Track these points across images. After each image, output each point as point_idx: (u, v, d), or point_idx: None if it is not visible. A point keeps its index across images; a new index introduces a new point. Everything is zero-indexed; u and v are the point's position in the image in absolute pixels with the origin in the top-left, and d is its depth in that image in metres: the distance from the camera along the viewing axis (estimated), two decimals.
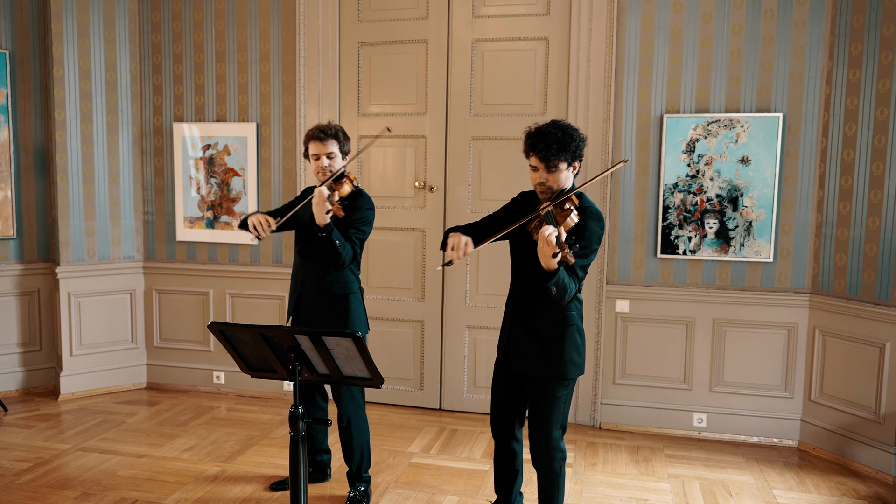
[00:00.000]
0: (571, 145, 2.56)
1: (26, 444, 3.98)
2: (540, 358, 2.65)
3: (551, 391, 2.66)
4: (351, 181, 3.16)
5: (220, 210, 4.82)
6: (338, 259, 3.06)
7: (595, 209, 2.62)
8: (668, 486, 3.60)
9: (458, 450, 4.01)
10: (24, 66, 4.70)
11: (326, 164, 3.16)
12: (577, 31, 4.19)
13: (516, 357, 2.71)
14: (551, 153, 2.54)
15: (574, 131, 2.59)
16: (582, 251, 2.56)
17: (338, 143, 3.17)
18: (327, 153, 3.15)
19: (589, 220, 2.58)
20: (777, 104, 4.00)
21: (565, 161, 2.57)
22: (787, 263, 4.06)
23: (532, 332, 2.67)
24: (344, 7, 4.56)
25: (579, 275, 2.56)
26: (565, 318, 2.64)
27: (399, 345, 4.66)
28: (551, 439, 2.70)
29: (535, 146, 2.58)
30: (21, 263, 4.79)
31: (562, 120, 2.64)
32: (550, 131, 2.56)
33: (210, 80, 4.78)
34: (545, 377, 2.66)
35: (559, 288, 2.45)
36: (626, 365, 4.33)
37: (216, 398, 4.85)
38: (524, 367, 2.69)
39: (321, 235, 3.02)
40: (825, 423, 4.00)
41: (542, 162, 2.57)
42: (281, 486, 3.48)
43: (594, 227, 2.58)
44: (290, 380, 2.45)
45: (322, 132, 3.15)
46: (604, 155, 4.20)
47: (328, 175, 3.15)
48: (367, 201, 3.22)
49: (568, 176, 2.62)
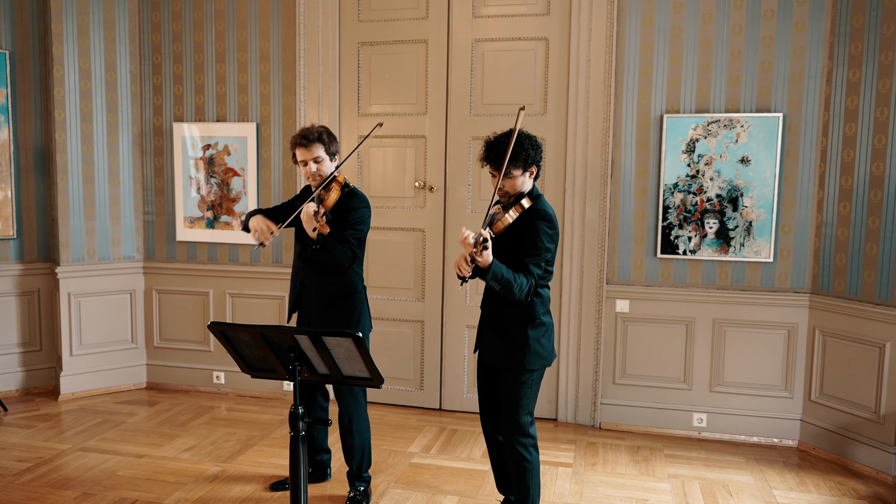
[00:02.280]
0: (521, 154, 2.72)
1: (26, 444, 3.98)
2: (503, 349, 2.82)
3: (516, 378, 2.81)
4: (339, 184, 3.14)
5: (220, 210, 4.82)
6: (337, 266, 3.06)
7: (544, 211, 2.77)
8: (668, 486, 3.60)
9: (458, 450, 4.01)
10: (24, 66, 4.70)
11: (314, 168, 3.12)
12: (577, 31, 4.19)
13: (484, 350, 2.90)
14: (500, 162, 2.71)
15: (526, 139, 2.75)
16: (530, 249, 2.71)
17: (323, 146, 3.14)
18: (314, 158, 3.12)
19: (536, 220, 2.73)
20: (777, 104, 4.00)
21: (518, 168, 2.73)
22: (787, 263, 4.06)
23: (498, 326, 2.84)
24: (344, 7, 4.56)
25: (534, 272, 2.71)
26: (528, 313, 2.79)
27: (399, 345, 4.66)
28: (519, 425, 2.82)
29: (488, 156, 2.78)
30: (21, 263, 4.79)
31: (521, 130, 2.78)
32: (502, 141, 2.74)
33: (210, 80, 4.78)
34: (509, 366, 2.81)
35: (500, 283, 2.63)
36: (626, 365, 4.33)
37: (216, 398, 4.85)
38: (490, 358, 2.88)
39: (315, 248, 3.02)
40: (825, 423, 4.00)
41: (496, 170, 2.76)
42: (281, 486, 3.48)
43: (541, 227, 2.72)
44: (290, 380, 2.46)
45: (304, 138, 3.12)
46: (604, 155, 4.20)
47: (318, 180, 3.14)
48: (361, 200, 3.19)
49: (524, 181, 2.79)
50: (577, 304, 4.32)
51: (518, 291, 2.67)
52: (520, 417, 2.82)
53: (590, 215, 4.25)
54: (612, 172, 4.23)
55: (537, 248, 2.72)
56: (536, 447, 2.87)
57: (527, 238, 2.73)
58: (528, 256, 2.72)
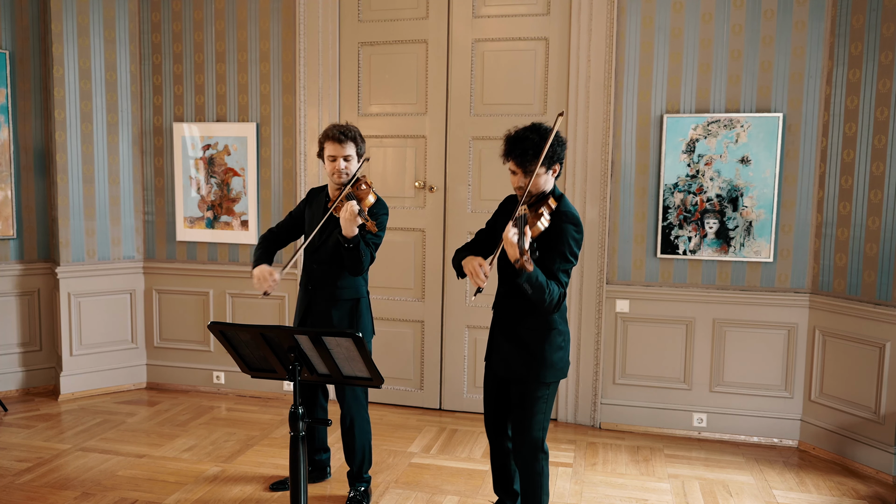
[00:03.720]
0: (548, 150, 2.52)
1: (26, 444, 3.98)
2: (520, 361, 2.65)
3: (531, 392, 2.66)
4: (370, 187, 3.11)
5: (220, 210, 4.82)
6: (360, 267, 3.06)
7: (572, 213, 2.59)
8: (668, 486, 3.60)
9: (458, 450, 4.01)
10: (24, 66, 4.70)
11: (343, 166, 3.11)
12: (577, 31, 4.19)
13: (498, 360, 2.73)
14: (527, 159, 2.53)
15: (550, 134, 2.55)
16: (558, 256, 2.53)
17: (355, 146, 3.14)
18: (344, 155, 3.11)
19: (564, 223, 2.56)
20: (777, 104, 4.00)
21: (543, 166, 2.54)
22: (787, 263, 4.06)
23: (513, 335, 2.67)
24: (344, 7, 4.56)
25: (562, 280, 2.54)
26: (547, 321, 2.63)
27: (399, 345, 4.66)
28: (533, 440, 2.69)
29: (512, 151, 2.56)
30: (21, 263, 4.79)
31: (542, 123, 2.61)
32: (528, 136, 2.54)
33: (210, 80, 4.78)
34: (525, 379, 2.65)
35: (533, 286, 2.42)
36: (626, 365, 4.33)
37: (216, 398, 4.85)
38: (505, 369, 2.71)
39: (348, 247, 2.98)
40: (825, 423, 4.00)
41: (519, 167, 2.56)
42: (281, 486, 3.48)
43: (569, 231, 2.55)
44: (290, 380, 2.45)
45: (342, 134, 3.10)
46: (604, 155, 4.20)
47: (343, 178, 3.12)
48: (383, 206, 3.20)
49: (547, 179, 2.60)
50: (577, 304, 4.32)
51: (549, 299, 2.47)
52: (534, 433, 2.68)
53: (590, 215, 4.25)
54: (612, 172, 4.23)
55: (565, 254, 2.54)
56: (548, 457, 2.75)
57: (555, 243, 2.53)
58: (557, 262, 2.53)
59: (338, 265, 3.13)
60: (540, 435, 2.69)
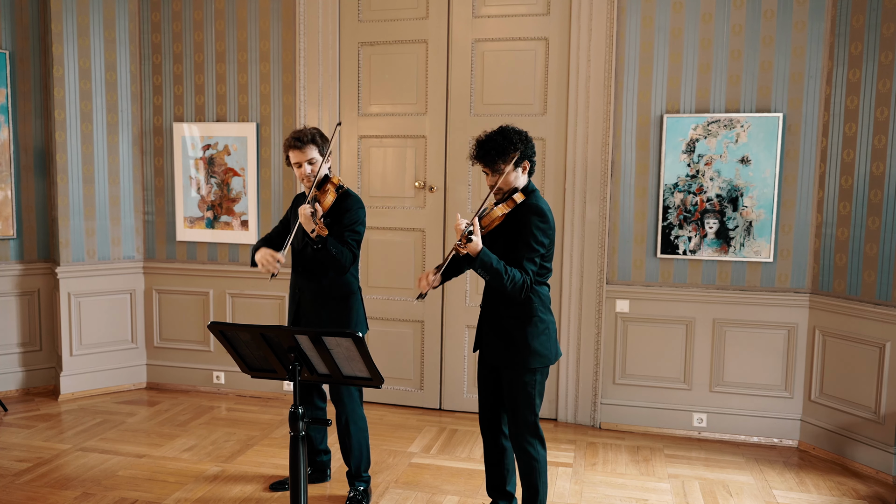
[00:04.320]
0: (510, 148, 2.71)
1: (26, 444, 3.98)
2: (503, 348, 2.82)
3: (518, 378, 2.81)
4: (334, 186, 3.14)
5: (220, 210, 4.82)
6: (337, 265, 3.07)
7: (536, 205, 2.75)
8: (668, 486, 3.60)
9: (458, 450, 4.01)
10: (24, 66, 4.70)
11: (309, 170, 3.14)
12: (577, 31, 4.19)
13: (486, 347, 2.90)
14: (489, 159, 2.73)
15: (515, 135, 2.74)
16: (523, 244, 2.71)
17: (317, 148, 3.15)
18: (308, 160, 3.13)
19: (529, 215, 2.73)
20: (777, 104, 4.00)
21: (509, 164, 2.72)
22: (787, 263, 4.06)
23: (497, 324, 2.84)
24: (344, 7, 4.56)
25: (527, 268, 2.70)
26: (526, 311, 2.79)
27: (399, 345, 4.66)
28: (526, 423, 2.83)
29: (477, 154, 2.78)
30: (21, 263, 4.79)
31: (508, 125, 2.80)
32: (492, 138, 2.74)
33: (210, 80, 4.78)
34: (510, 365, 2.81)
35: (488, 271, 2.63)
36: (626, 365, 4.33)
37: (216, 398, 4.85)
38: (492, 356, 2.87)
39: (316, 248, 3.01)
40: (825, 423, 4.00)
41: (487, 167, 2.77)
42: (281, 486, 3.48)
43: (534, 221, 2.72)
44: (290, 380, 2.46)
45: (298, 140, 3.12)
46: (604, 155, 4.20)
47: (309, 181, 3.14)
48: (356, 201, 3.20)
49: (517, 176, 2.79)
50: (577, 304, 4.32)
51: (510, 284, 2.65)
52: (525, 416, 2.81)
53: (590, 215, 4.25)
54: (612, 172, 4.23)
55: (529, 242, 2.71)
56: (544, 443, 2.87)
57: (520, 233, 2.73)
58: (522, 252, 2.71)
59: (322, 265, 3.13)
60: (531, 419, 2.83)
